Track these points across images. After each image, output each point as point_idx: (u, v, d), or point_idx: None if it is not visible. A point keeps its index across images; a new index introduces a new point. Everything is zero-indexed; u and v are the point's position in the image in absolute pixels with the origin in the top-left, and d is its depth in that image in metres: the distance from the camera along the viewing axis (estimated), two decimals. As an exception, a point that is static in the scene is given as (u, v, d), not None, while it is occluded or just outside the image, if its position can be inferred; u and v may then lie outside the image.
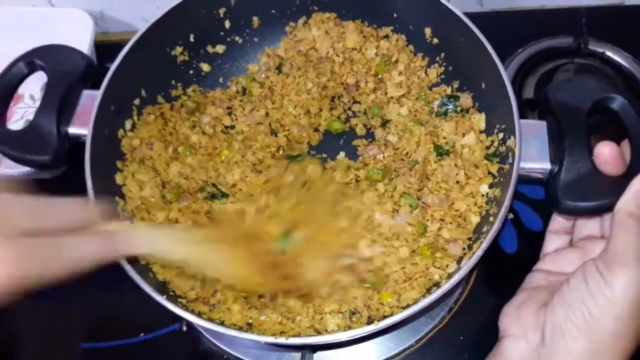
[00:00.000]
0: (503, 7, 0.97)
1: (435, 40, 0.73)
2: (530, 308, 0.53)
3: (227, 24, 0.77)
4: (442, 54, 0.74)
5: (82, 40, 0.88)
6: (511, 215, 0.76)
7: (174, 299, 0.59)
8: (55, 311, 0.76)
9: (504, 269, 0.74)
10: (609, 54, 0.86)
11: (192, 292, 0.61)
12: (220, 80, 0.79)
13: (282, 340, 0.53)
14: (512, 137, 0.60)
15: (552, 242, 0.62)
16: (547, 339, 0.49)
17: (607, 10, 0.95)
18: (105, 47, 0.90)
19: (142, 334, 0.73)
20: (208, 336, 0.72)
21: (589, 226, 0.59)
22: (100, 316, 0.76)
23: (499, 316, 0.56)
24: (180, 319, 0.72)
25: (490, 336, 0.57)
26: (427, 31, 0.73)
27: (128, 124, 0.69)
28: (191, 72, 0.77)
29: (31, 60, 0.66)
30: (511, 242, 0.75)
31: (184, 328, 0.73)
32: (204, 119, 0.74)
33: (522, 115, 0.61)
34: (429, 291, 0.59)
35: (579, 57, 0.86)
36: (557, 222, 0.62)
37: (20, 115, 0.88)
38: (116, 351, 0.72)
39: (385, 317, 0.55)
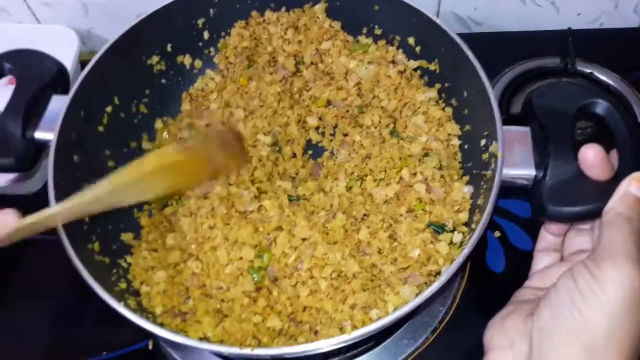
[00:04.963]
0: (490, 29, 0.97)
1: (418, 49, 0.72)
2: (516, 318, 0.49)
3: (205, 34, 0.75)
4: (425, 62, 0.72)
5: (66, 57, 0.87)
6: (498, 233, 0.73)
7: (138, 311, 0.55)
8: (10, 329, 0.72)
9: (491, 288, 0.70)
10: (596, 74, 0.85)
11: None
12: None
13: (247, 351, 0.49)
14: (494, 142, 0.58)
15: (541, 260, 0.58)
16: (535, 345, 0.45)
17: (593, 32, 0.95)
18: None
19: (104, 353, 0.68)
20: (175, 356, 0.67)
21: (579, 240, 0.56)
22: (60, 334, 0.71)
23: (484, 333, 0.52)
24: (147, 336, 0.69)
25: (478, 359, 0.52)
26: (410, 40, 0.72)
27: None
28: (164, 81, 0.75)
29: (1, 64, 0.65)
30: (499, 261, 0.72)
31: (150, 346, 0.68)
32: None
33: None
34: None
35: (566, 77, 0.85)
36: (545, 239, 0.59)
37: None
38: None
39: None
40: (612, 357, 0.42)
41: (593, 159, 0.52)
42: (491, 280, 0.71)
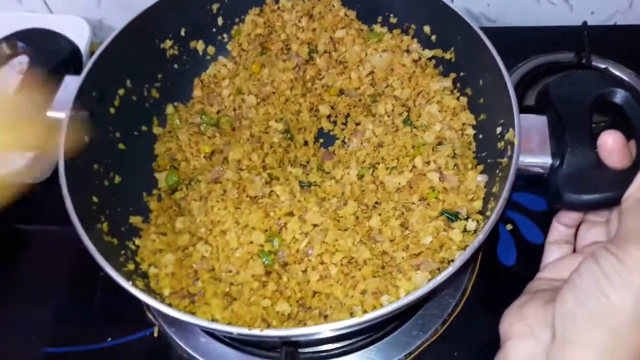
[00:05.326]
0: (504, 24, 0.96)
1: (434, 38, 0.71)
2: (534, 305, 0.48)
3: (219, 20, 0.75)
4: (440, 51, 0.72)
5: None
6: (510, 226, 0.72)
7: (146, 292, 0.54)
8: (15, 313, 0.71)
9: (502, 281, 0.69)
10: (611, 69, 0.84)
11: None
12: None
13: (256, 332, 0.48)
14: (510, 129, 0.57)
15: (553, 252, 0.57)
16: (558, 332, 0.44)
17: (607, 28, 0.94)
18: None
19: (109, 339, 0.67)
20: (181, 344, 0.66)
21: (592, 233, 0.55)
22: (64, 320, 0.70)
23: (499, 323, 0.51)
24: (151, 325, 0.68)
25: (488, 352, 0.51)
26: (426, 29, 0.71)
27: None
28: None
29: (14, 42, 0.65)
30: (510, 254, 0.70)
31: (155, 334, 0.68)
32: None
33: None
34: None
35: (582, 70, 0.84)
36: (557, 231, 0.58)
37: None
38: (79, 357, 0.67)
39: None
40: (637, 342, 0.41)
41: (612, 144, 0.51)
42: (502, 273, 0.69)
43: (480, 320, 0.66)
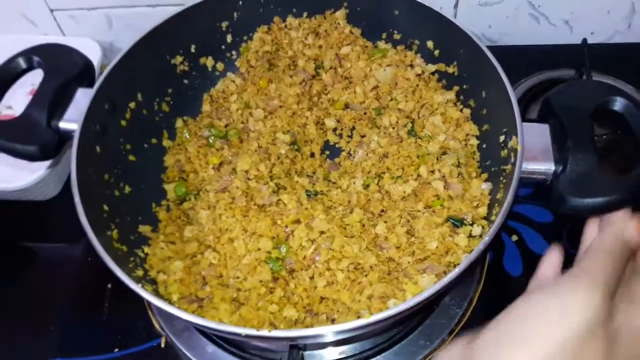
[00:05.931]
0: (506, 44, 0.98)
1: (437, 52, 0.73)
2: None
3: (228, 38, 0.77)
4: (443, 65, 0.73)
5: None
6: (515, 237, 0.73)
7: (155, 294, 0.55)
8: (24, 324, 0.71)
9: (508, 291, 0.69)
10: (611, 84, 0.85)
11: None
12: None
13: (264, 332, 0.49)
14: (513, 137, 0.58)
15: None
16: None
17: (607, 46, 0.96)
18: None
19: (116, 350, 0.68)
20: (188, 354, 0.66)
21: None
22: (71, 330, 0.71)
23: None
24: (158, 335, 0.68)
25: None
26: (429, 44, 0.73)
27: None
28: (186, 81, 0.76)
29: (29, 57, 0.67)
30: (516, 265, 0.71)
31: (162, 345, 0.68)
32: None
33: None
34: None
35: (582, 86, 0.85)
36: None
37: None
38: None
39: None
40: None
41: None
42: (508, 283, 0.70)
43: (487, 329, 0.65)
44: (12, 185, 0.78)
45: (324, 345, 0.64)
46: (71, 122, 0.63)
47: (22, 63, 0.66)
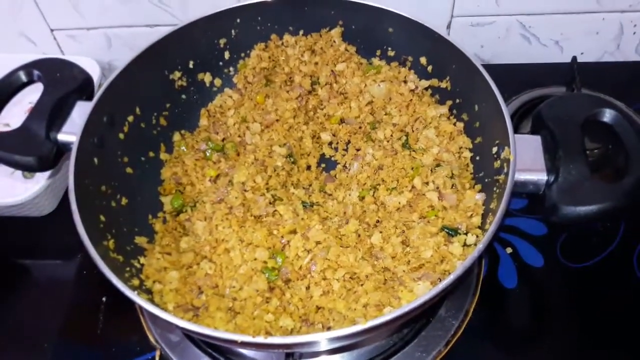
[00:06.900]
0: (497, 62, 1.00)
1: (430, 68, 0.75)
2: None
3: (226, 54, 0.79)
4: (436, 81, 0.75)
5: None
6: (509, 250, 0.73)
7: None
8: (17, 337, 0.71)
9: (504, 303, 0.69)
10: (601, 101, 0.87)
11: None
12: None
13: (260, 339, 0.49)
14: (506, 148, 0.59)
15: None
16: None
17: (597, 65, 0.98)
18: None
19: (110, 363, 0.67)
20: (182, 367, 0.66)
21: None
22: (67, 344, 0.70)
23: None
24: (152, 348, 0.68)
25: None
26: (423, 60, 0.75)
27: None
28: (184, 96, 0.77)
29: (30, 70, 0.68)
30: (511, 277, 0.71)
31: (157, 358, 0.67)
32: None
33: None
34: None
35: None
36: None
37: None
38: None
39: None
40: None
41: None
42: (503, 295, 0.70)
43: (483, 340, 0.66)
44: (8, 201, 0.78)
45: (319, 354, 0.64)
46: (70, 134, 0.64)
47: (22, 76, 0.67)
